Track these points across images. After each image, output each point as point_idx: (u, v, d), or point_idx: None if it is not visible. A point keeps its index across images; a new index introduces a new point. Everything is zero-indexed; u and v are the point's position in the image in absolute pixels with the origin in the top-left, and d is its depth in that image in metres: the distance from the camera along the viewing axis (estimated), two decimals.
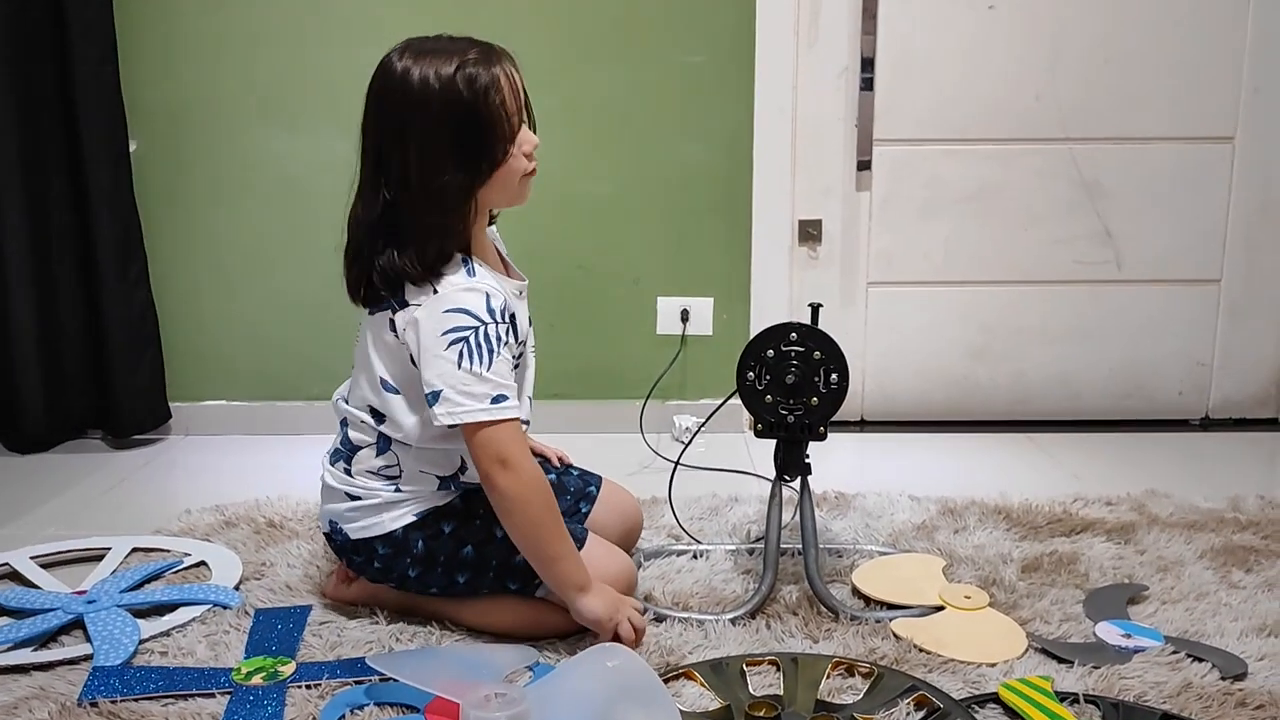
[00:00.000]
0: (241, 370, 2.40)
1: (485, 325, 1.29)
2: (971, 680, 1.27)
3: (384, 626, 1.41)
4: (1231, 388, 2.44)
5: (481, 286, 1.30)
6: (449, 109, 1.27)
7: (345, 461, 1.41)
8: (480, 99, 1.28)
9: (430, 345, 1.28)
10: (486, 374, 1.27)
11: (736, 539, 1.71)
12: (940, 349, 2.42)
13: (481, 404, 1.27)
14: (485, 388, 1.27)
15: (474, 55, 1.29)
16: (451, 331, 1.28)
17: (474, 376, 1.27)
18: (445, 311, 1.28)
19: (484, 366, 1.28)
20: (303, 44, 2.27)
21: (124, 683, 1.26)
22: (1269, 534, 1.71)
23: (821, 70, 2.31)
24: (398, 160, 1.29)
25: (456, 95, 1.27)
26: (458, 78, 1.27)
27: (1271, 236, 2.37)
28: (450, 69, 1.27)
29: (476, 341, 1.28)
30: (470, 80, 1.27)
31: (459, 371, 1.27)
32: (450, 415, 1.27)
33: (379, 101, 1.32)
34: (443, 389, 1.27)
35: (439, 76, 1.27)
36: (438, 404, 1.28)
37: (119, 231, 2.23)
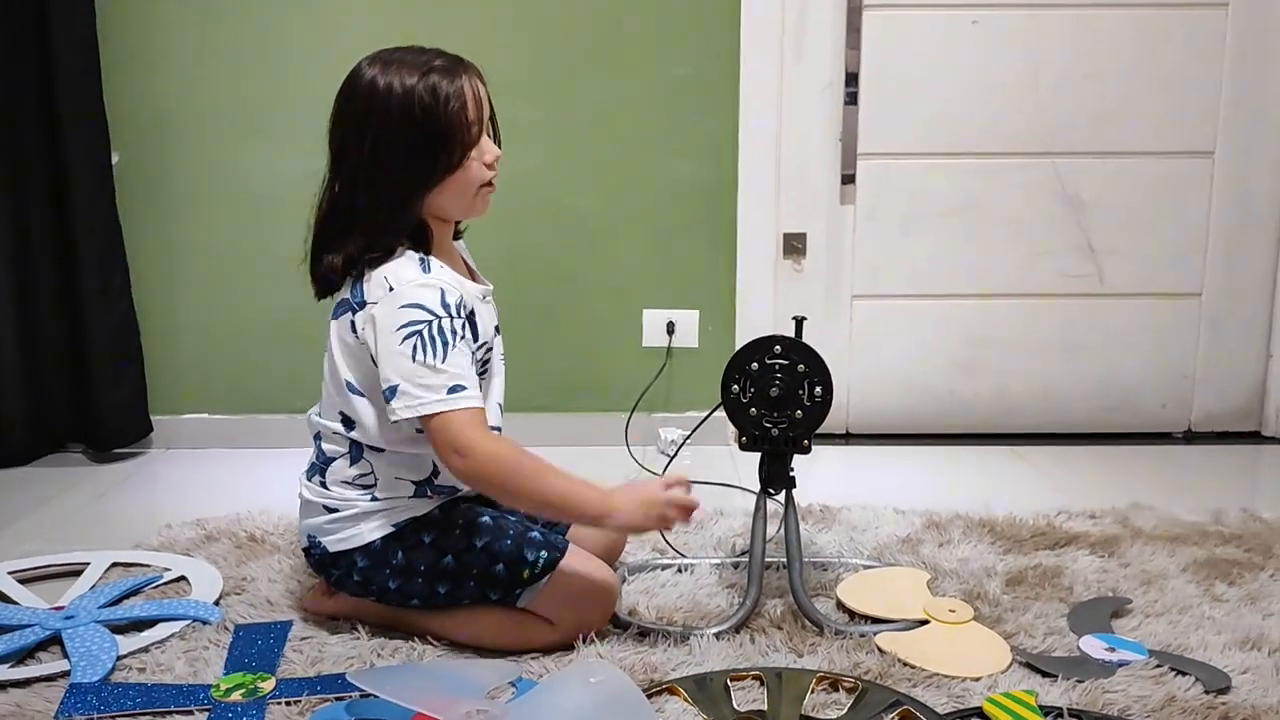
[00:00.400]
0: (223, 384, 2.39)
1: (439, 319, 1.30)
2: (956, 695, 1.27)
3: (365, 642, 1.40)
4: (1213, 401, 2.45)
5: (435, 282, 1.32)
6: (408, 111, 1.30)
7: (320, 475, 1.40)
8: (440, 105, 1.30)
9: (386, 341, 1.29)
10: (441, 365, 1.28)
11: (721, 553, 1.71)
12: (924, 362, 2.43)
13: (438, 395, 1.27)
14: (440, 379, 1.28)
15: (439, 64, 1.33)
16: (406, 326, 1.28)
17: (428, 369, 1.28)
18: (400, 307, 1.29)
19: (438, 359, 1.28)
20: (286, 57, 2.27)
21: (101, 700, 1.25)
22: (1251, 547, 1.71)
23: (806, 85, 2.32)
24: (353, 158, 1.33)
25: (417, 100, 1.30)
26: (420, 85, 1.30)
27: (1251, 250, 2.38)
28: (414, 77, 1.31)
29: (430, 335, 1.28)
30: (432, 88, 1.31)
31: (413, 365, 1.27)
32: (408, 408, 1.27)
33: (342, 104, 1.35)
34: (399, 383, 1.28)
35: (402, 83, 1.31)
36: (395, 398, 1.28)
37: (100, 244, 2.22)
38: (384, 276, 1.32)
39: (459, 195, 1.36)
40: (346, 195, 1.34)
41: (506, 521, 1.41)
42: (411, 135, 1.30)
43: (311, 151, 2.29)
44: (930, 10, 2.29)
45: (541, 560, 1.36)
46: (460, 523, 1.39)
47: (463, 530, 1.38)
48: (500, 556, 1.36)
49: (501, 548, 1.36)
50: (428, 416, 1.28)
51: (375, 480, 1.38)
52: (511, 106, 2.23)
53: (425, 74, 1.31)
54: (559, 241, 2.35)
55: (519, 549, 1.36)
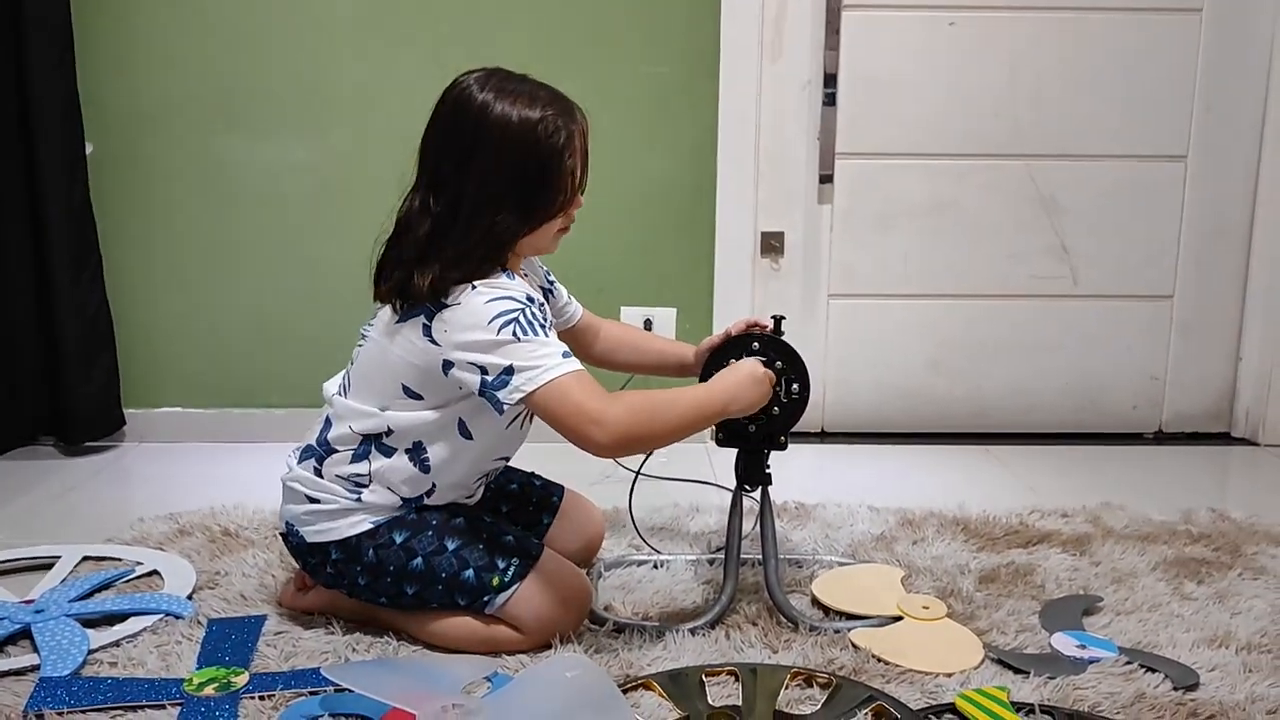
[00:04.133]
0: (197, 377, 2.37)
1: (529, 307, 1.29)
2: (929, 690, 1.28)
3: (340, 637, 1.40)
4: (1184, 402, 2.48)
5: (517, 285, 1.32)
6: (522, 154, 1.30)
7: (317, 461, 1.39)
8: (555, 154, 1.31)
9: (482, 338, 1.27)
10: (546, 339, 1.28)
11: (697, 549, 1.71)
12: (899, 361, 2.44)
13: (555, 360, 1.27)
14: (551, 349, 1.27)
15: (554, 108, 1.32)
16: (500, 316, 1.27)
17: (535, 343, 1.27)
18: (488, 302, 1.28)
19: (541, 334, 1.28)
20: (264, 47, 2.25)
21: (71, 694, 1.24)
22: (1220, 546, 1.73)
23: (785, 84, 2.33)
24: (454, 186, 1.31)
25: (533, 143, 1.30)
26: (539, 126, 1.30)
27: (1222, 254, 2.41)
28: (533, 114, 1.30)
29: (527, 319, 1.28)
30: (550, 132, 1.30)
31: (521, 344, 1.26)
32: (529, 381, 1.25)
33: (449, 123, 1.33)
34: (510, 363, 1.26)
35: (521, 118, 1.30)
36: (513, 377, 1.26)
37: (73, 234, 2.20)
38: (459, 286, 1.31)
39: (536, 240, 1.37)
40: (443, 218, 1.31)
41: (481, 525, 1.39)
42: (519, 181, 1.30)
43: (291, 143, 2.30)
44: (908, 11, 2.30)
45: (512, 569, 1.35)
46: (434, 524, 1.38)
47: (435, 533, 1.37)
48: (470, 563, 1.35)
49: (472, 554, 1.35)
50: (547, 385, 1.25)
51: (369, 483, 1.37)
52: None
53: (542, 118, 1.30)
54: None
55: (490, 556, 1.35)
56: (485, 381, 1.27)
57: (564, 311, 1.61)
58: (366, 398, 1.37)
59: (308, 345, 2.32)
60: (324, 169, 2.30)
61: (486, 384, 1.27)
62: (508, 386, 1.26)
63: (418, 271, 1.31)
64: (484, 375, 1.27)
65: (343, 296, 2.19)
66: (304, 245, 2.32)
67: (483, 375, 1.27)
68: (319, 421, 1.42)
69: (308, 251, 2.32)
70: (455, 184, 1.31)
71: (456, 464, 1.38)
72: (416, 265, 1.31)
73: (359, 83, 2.25)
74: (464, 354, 1.28)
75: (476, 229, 1.30)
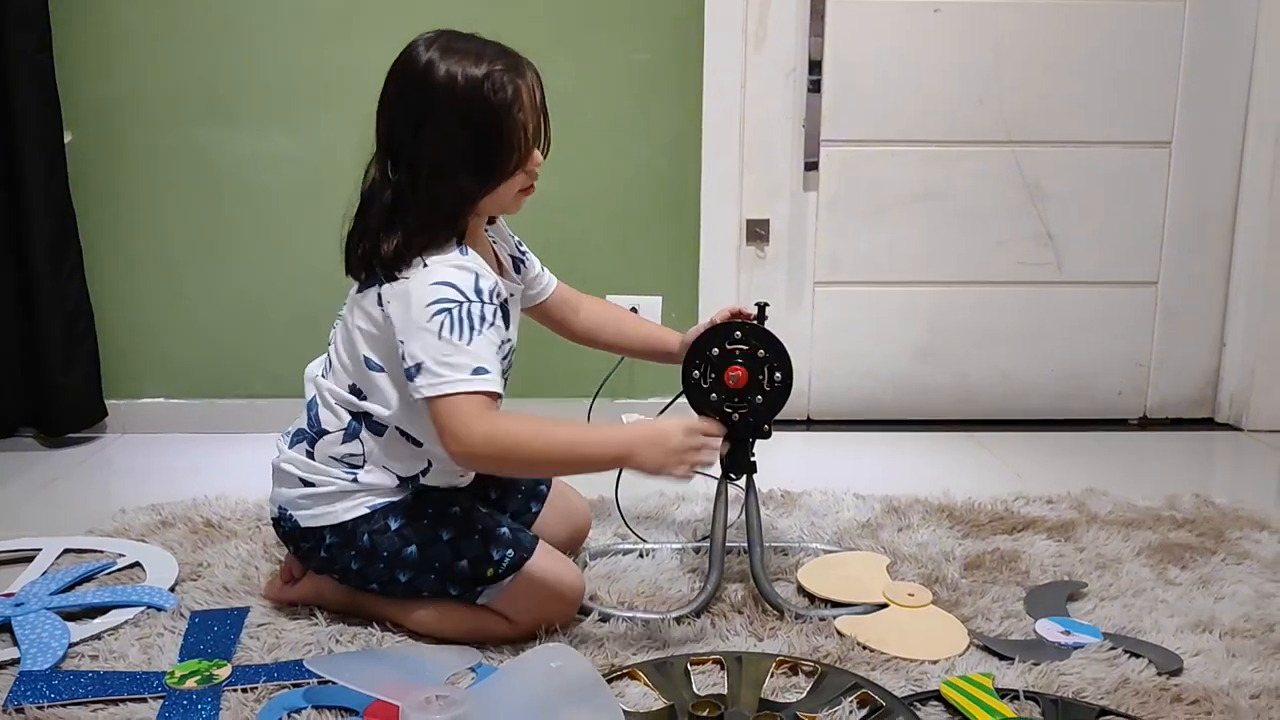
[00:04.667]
0: (180, 367, 2.35)
1: (470, 303, 1.27)
2: (914, 678, 1.28)
3: (324, 628, 1.39)
4: (1168, 388, 2.49)
5: (471, 266, 1.30)
6: (470, 113, 1.28)
7: (309, 444, 1.38)
8: (502, 110, 1.29)
9: (415, 317, 1.26)
10: (467, 347, 1.25)
11: (683, 538, 1.71)
12: (885, 349, 2.44)
13: (463, 374, 1.24)
14: (467, 359, 1.25)
15: (501, 64, 1.30)
16: (437, 303, 1.26)
17: (454, 348, 1.25)
18: (432, 284, 1.27)
19: (464, 340, 1.26)
20: (245, 36, 2.23)
21: (52, 688, 1.23)
22: (1204, 531, 1.74)
23: (769, 71, 2.32)
24: (410, 152, 1.30)
25: (480, 101, 1.28)
26: (485, 84, 1.28)
27: (1207, 240, 2.42)
28: (478, 72, 1.28)
29: (459, 316, 1.26)
30: (496, 88, 1.28)
31: (439, 342, 1.25)
32: (431, 387, 1.24)
33: (398, 88, 1.32)
34: (424, 360, 1.25)
35: (466, 77, 1.28)
36: (419, 375, 1.25)
37: (52, 224, 2.18)
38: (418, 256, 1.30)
39: (498, 199, 1.35)
40: (403, 185, 1.31)
41: (477, 514, 1.38)
42: (472, 142, 1.29)
43: (272, 132, 2.28)
44: None
45: (507, 560, 1.34)
46: (430, 512, 1.37)
47: (430, 521, 1.36)
48: (465, 552, 1.34)
49: (467, 543, 1.35)
50: (441, 398, 1.24)
51: (364, 462, 1.36)
52: None
53: (487, 74, 1.28)
54: (521, 226, 2.33)
55: (485, 546, 1.35)
56: (405, 367, 1.27)
57: (536, 283, 1.59)
58: (343, 378, 1.37)
59: (291, 335, 2.30)
60: (306, 158, 2.28)
61: (405, 370, 1.27)
62: (413, 382, 1.26)
63: (383, 240, 1.30)
64: (403, 360, 1.27)
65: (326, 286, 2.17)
66: (286, 234, 2.31)
67: (403, 360, 1.27)
68: (305, 404, 1.41)
69: (290, 241, 2.30)
70: (411, 149, 1.30)
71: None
72: (382, 234, 1.31)
73: (341, 71, 2.23)
74: (399, 328, 1.28)
75: (436, 193, 1.30)
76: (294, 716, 1.19)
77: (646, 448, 1.27)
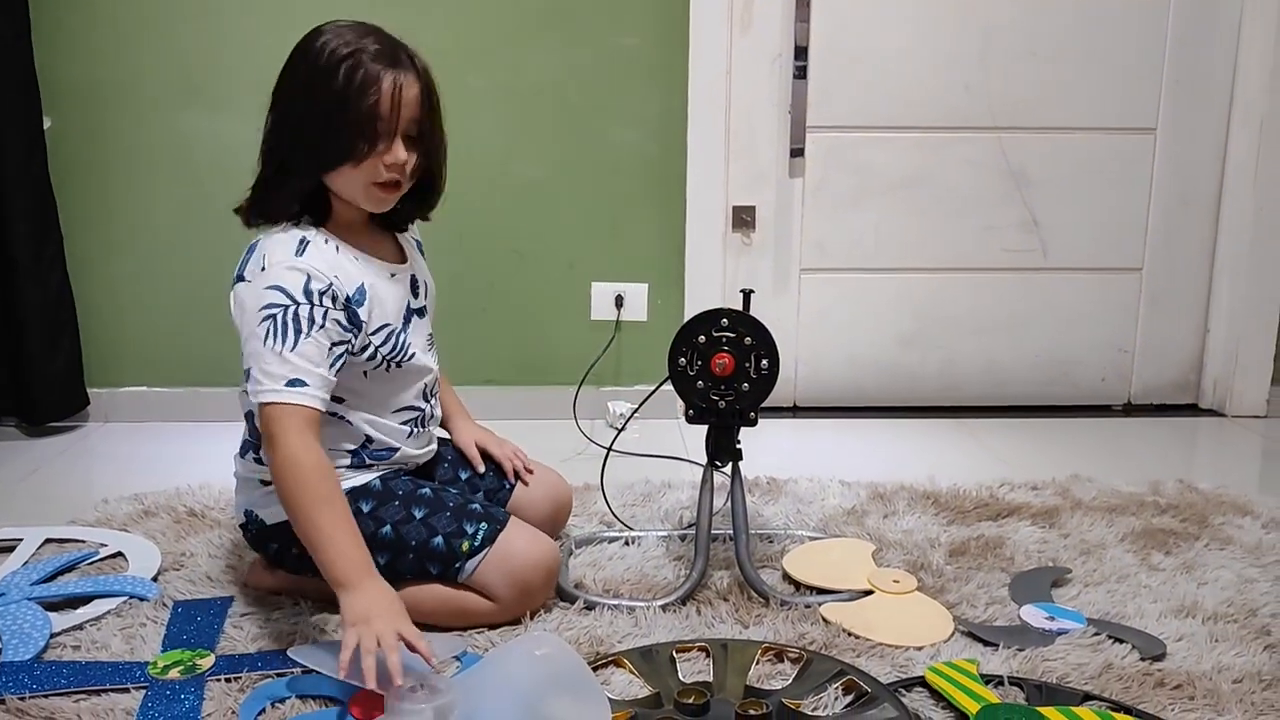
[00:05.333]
0: (162, 356, 2.34)
1: (298, 306, 1.26)
2: (899, 664, 1.28)
3: (308, 617, 1.38)
4: (1152, 374, 2.50)
5: (304, 267, 1.28)
6: (318, 88, 1.27)
7: (254, 451, 1.38)
8: (351, 92, 1.25)
9: (248, 320, 1.26)
10: (288, 355, 1.24)
11: (668, 525, 1.71)
12: (871, 336, 2.44)
13: (276, 385, 1.23)
14: (284, 369, 1.24)
15: (374, 49, 1.27)
16: (265, 308, 1.25)
17: (275, 355, 1.24)
18: (264, 288, 1.26)
19: (286, 346, 1.24)
20: (226, 22, 2.21)
21: (34, 678, 1.22)
22: (1187, 517, 1.75)
23: (755, 57, 2.31)
24: (273, 115, 1.32)
25: (333, 76, 1.25)
26: (343, 65, 1.26)
27: (1190, 226, 2.42)
28: (344, 51, 1.26)
29: (284, 320, 1.25)
30: (351, 71, 1.26)
31: (263, 348, 1.24)
32: (255, 394, 1.24)
33: (286, 63, 1.33)
34: (251, 366, 1.25)
35: (330, 54, 1.26)
36: (248, 381, 1.26)
37: (32, 211, 2.16)
38: (262, 254, 1.30)
39: (348, 185, 1.31)
40: (262, 148, 1.33)
41: (447, 494, 1.40)
42: (315, 111, 1.27)
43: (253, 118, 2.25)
44: None
45: (481, 533, 1.35)
46: (400, 494, 1.37)
47: (401, 501, 1.37)
48: (438, 529, 1.35)
49: (440, 520, 1.35)
50: (263, 406, 1.24)
51: None
52: (459, 75, 2.21)
53: (352, 54, 1.26)
54: (506, 213, 2.33)
55: (457, 521, 1.35)
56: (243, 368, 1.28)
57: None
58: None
59: None
60: None
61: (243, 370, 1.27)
62: (249, 382, 1.26)
63: (256, 196, 1.33)
64: (243, 361, 1.27)
65: None
66: None
67: (243, 359, 1.27)
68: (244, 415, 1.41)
69: None
70: (274, 111, 1.32)
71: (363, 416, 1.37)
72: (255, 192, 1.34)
73: None
74: (240, 332, 1.28)
75: (280, 153, 1.31)
76: (278, 706, 1.18)
77: (359, 608, 1.16)
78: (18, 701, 1.18)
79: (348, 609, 1.17)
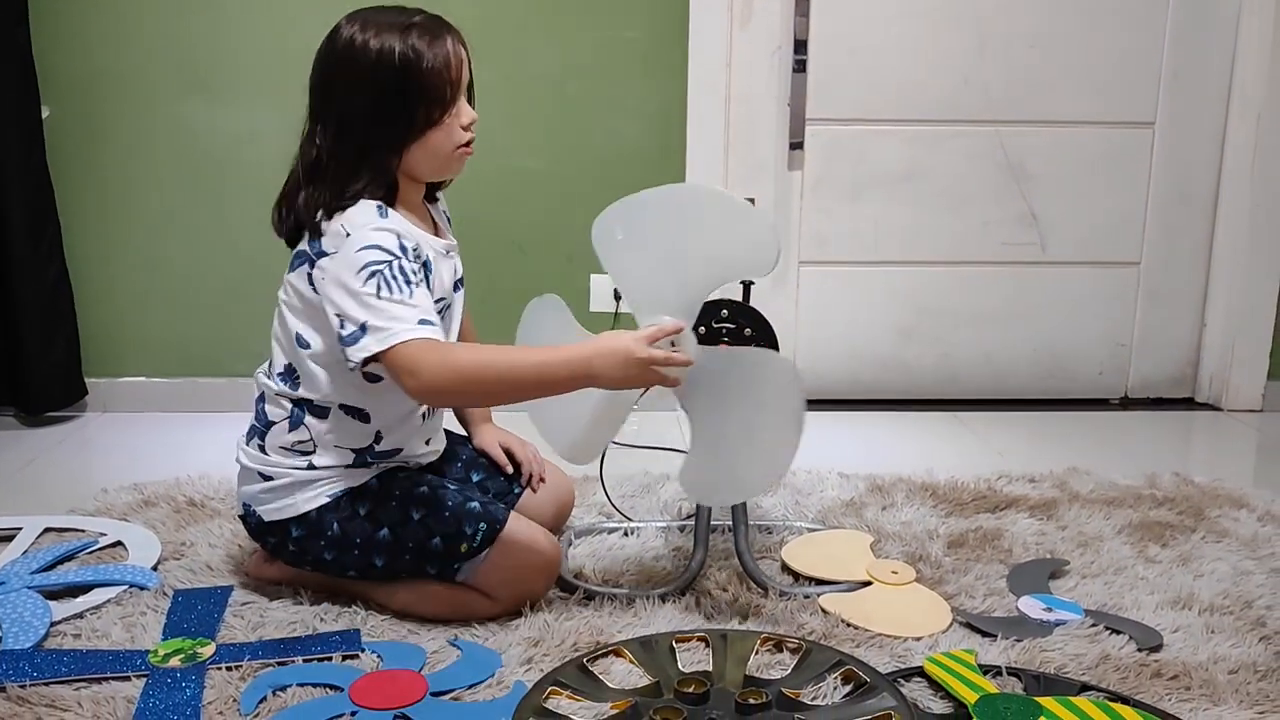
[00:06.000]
0: (161, 346, 2.34)
1: (400, 259, 1.28)
2: (898, 654, 1.29)
3: (307, 607, 1.39)
4: (1149, 368, 2.50)
5: (391, 227, 1.30)
6: (388, 68, 1.29)
7: (259, 438, 1.38)
8: (420, 63, 1.29)
9: (348, 283, 1.26)
10: (409, 300, 1.26)
11: (668, 516, 1.71)
12: (869, 329, 2.45)
13: (407, 324, 1.24)
14: (411, 312, 1.25)
15: (420, 22, 1.31)
16: (368, 267, 1.26)
17: (397, 303, 1.25)
18: (359, 250, 1.27)
19: (405, 295, 1.26)
20: (226, 11, 2.20)
21: (34, 666, 1.22)
22: (1184, 510, 1.75)
23: (755, 50, 2.31)
24: (332, 110, 1.32)
25: (398, 57, 1.29)
26: (400, 44, 1.29)
27: (1189, 221, 2.43)
28: (395, 35, 1.29)
29: (392, 274, 1.26)
30: (413, 46, 1.29)
31: (380, 301, 1.25)
32: (380, 341, 1.23)
33: (322, 64, 1.34)
34: (367, 320, 1.24)
35: (382, 42, 1.29)
36: (365, 336, 1.24)
37: (31, 200, 2.15)
38: (340, 225, 1.29)
39: (433, 155, 1.34)
40: (320, 148, 1.32)
41: (446, 492, 1.38)
42: (389, 92, 1.29)
43: (253, 108, 2.26)
44: None
45: (480, 534, 1.34)
46: (397, 494, 1.37)
47: (399, 502, 1.36)
48: (437, 530, 1.34)
49: (438, 521, 1.35)
50: (394, 348, 1.23)
51: (314, 447, 1.36)
52: None
53: (406, 32, 1.29)
54: (506, 204, 2.32)
55: (457, 522, 1.35)
56: (340, 335, 1.26)
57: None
58: (279, 362, 1.38)
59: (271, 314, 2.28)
60: (285, 135, 2.24)
61: (341, 337, 1.26)
62: (358, 344, 1.25)
63: (303, 193, 1.32)
64: (340, 328, 1.26)
65: None
66: (266, 212, 2.27)
67: (339, 327, 1.26)
68: (254, 401, 1.41)
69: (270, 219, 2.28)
70: (334, 108, 1.32)
71: (386, 403, 1.37)
72: (304, 190, 1.33)
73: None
74: (332, 299, 1.27)
75: (354, 141, 1.31)
76: (279, 694, 1.18)
77: (607, 363, 1.25)
78: (19, 689, 1.18)
79: (607, 378, 1.26)
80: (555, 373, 1.26)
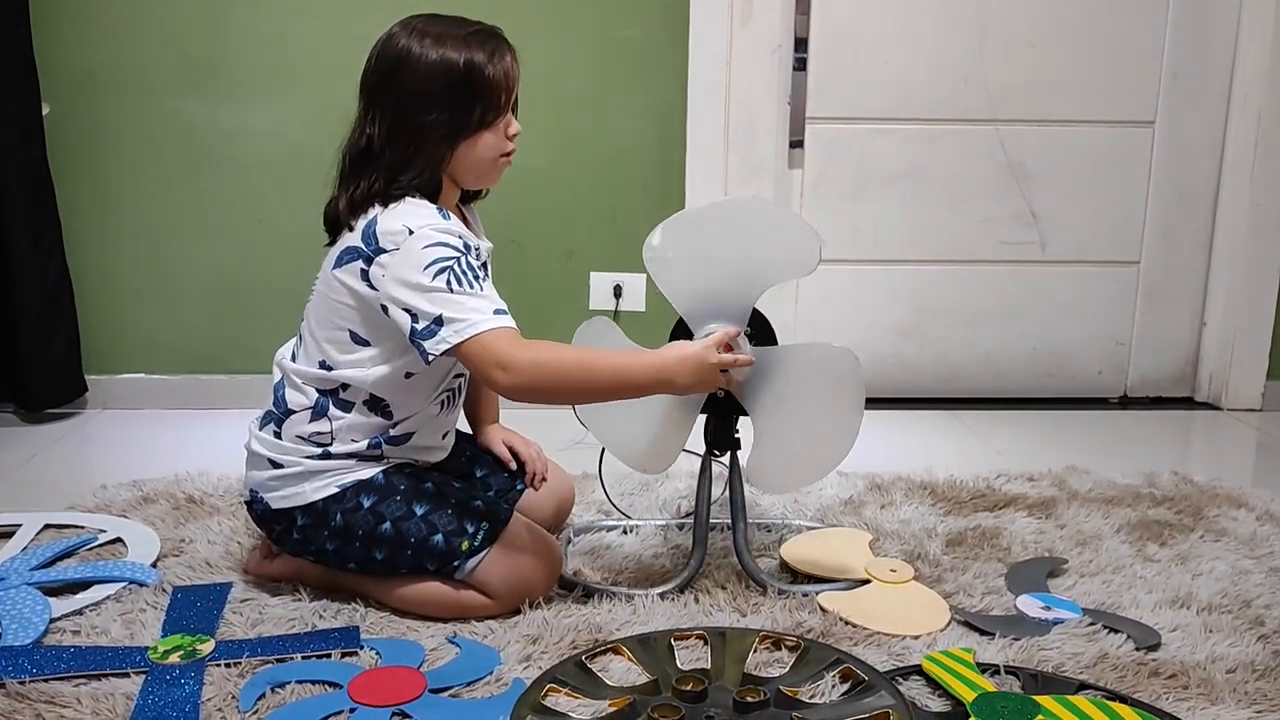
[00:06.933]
0: (161, 343, 2.34)
1: (466, 255, 1.30)
2: (896, 653, 1.29)
3: (307, 604, 1.39)
4: (1148, 367, 2.50)
5: (454, 228, 1.32)
6: (451, 65, 1.31)
7: (276, 424, 1.38)
8: (482, 65, 1.32)
9: (416, 280, 1.27)
10: (483, 292, 1.28)
11: (666, 514, 1.72)
12: (869, 327, 2.45)
13: (484, 315, 1.26)
14: (485, 304, 1.27)
15: (476, 27, 1.35)
16: (436, 263, 1.27)
17: (470, 295, 1.27)
18: (425, 247, 1.28)
19: (478, 287, 1.28)
20: (224, 7, 2.20)
21: (34, 663, 1.22)
22: (1182, 509, 1.75)
23: (755, 48, 2.31)
24: (386, 103, 1.33)
25: (453, 50, 1.31)
26: (464, 49, 1.31)
27: (1188, 220, 2.43)
28: (458, 42, 1.32)
29: (462, 268, 1.28)
30: (477, 51, 1.32)
31: (454, 295, 1.26)
32: (458, 333, 1.25)
33: (379, 60, 1.34)
34: (441, 313, 1.26)
35: (445, 44, 1.31)
36: (442, 328, 1.25)
37: (31, 198, 2.15)
38: (401, 224, 1.30)
39: (479, 157, 1.36)
40: (371, 136, 1.33)
41: (450, 489, 1.39)
42: (453, 83, 1.31)
43: (254, 105, 2.26)
44: None
45: (481, 533, 1.35)
46: (402, 489, 1.37)
47: (403, 497, 1.36)
48: (439, 527, 1.34)
49: (441, 518, 1.35)
50: (473, 338, 1.25)
51: (331, 440, 1.36)
52: None
53: (469, 38, 1.32)
54: (505, 202, 2.31)
55: (459, 520, 1.35)
56: (414, 330, 1.27)
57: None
58: (315, 353, 1.37)
59: (271, 311, 2.29)
60: (285, 131, 2.26)
61: (416, 332, 1.27)
62: (435, 337, 1.26)
63: (358, 183, 1.33)
64: (414, 322, 1.27)
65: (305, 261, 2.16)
66: (266, 209, 2.29)
67: (413, 322, 1.27)
68: (272, 387, 1.41)
69: (270, 215, 2.29)
70: (388, 101, 1.32)
71: (414, 398, 1.38)
72: (359, 180, 1.33)
73: (320, 44, 2.21)
74: (398, 296, 1.28)
75: (408, 131, 1.32)
76: (277, 691, 1.19)
77: (684, 369, 1.33)
78: (18, 685, 1.18)
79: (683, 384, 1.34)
80: (633, 377, 1.33)
